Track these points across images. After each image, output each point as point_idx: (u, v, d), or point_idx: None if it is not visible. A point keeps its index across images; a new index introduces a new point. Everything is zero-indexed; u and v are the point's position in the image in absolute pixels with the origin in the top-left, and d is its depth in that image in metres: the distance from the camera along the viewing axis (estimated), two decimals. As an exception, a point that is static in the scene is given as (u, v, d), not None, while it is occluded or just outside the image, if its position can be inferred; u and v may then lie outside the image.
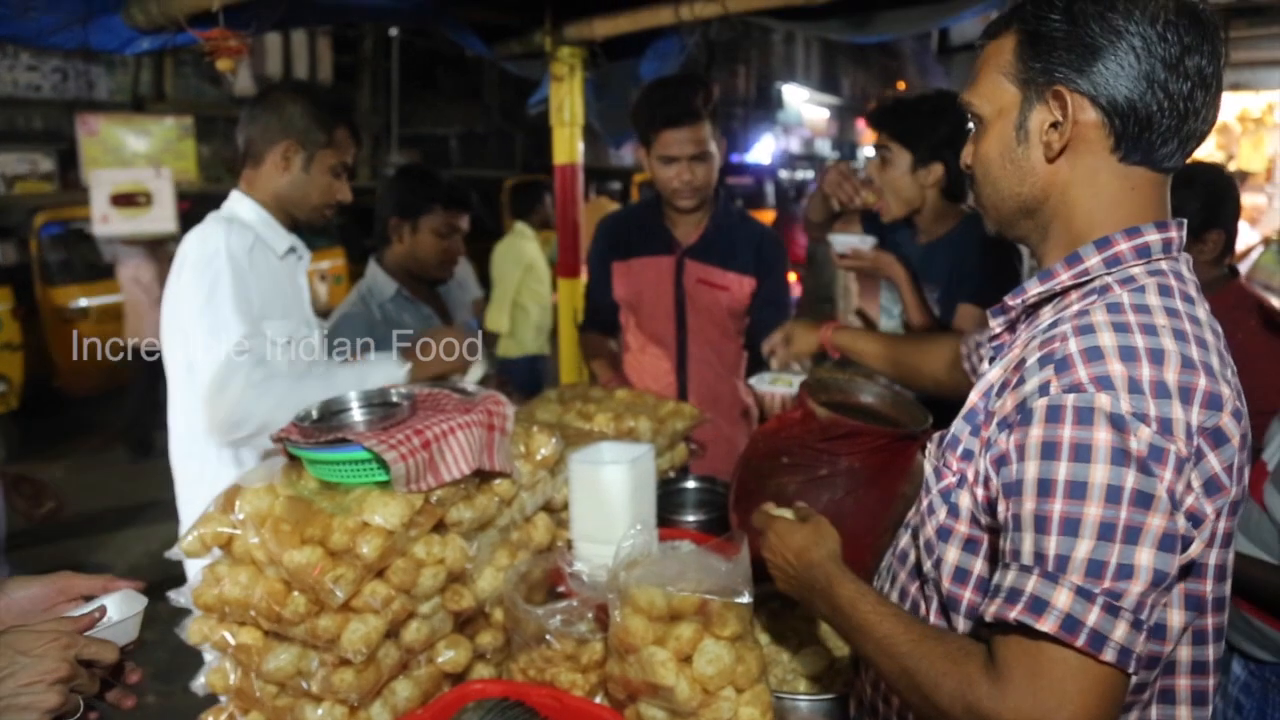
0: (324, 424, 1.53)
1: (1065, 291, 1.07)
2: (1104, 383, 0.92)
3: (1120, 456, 0.89)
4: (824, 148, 26.60)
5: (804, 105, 24.92)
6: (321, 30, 14.59)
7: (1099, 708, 0.89)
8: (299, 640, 1.36)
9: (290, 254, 2.24)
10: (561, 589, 1.55)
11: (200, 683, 1.50)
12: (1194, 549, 0.94)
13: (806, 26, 3.83)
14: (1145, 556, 0.89)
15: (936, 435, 1.15)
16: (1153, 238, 1.03)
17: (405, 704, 1.43)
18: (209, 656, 2.08)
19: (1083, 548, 0.89)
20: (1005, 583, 0.94)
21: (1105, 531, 0.89)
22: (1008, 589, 0.93)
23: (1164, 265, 1.04)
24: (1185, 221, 1.07)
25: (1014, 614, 0.91)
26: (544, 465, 1.66)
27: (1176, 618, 0.99)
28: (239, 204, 2.15)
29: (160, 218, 4.80)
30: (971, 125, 1.15)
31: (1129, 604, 0.89)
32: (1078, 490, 0.90)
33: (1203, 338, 0.98)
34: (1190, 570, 0.98)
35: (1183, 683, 1.04)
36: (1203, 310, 1.03)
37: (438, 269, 2.73)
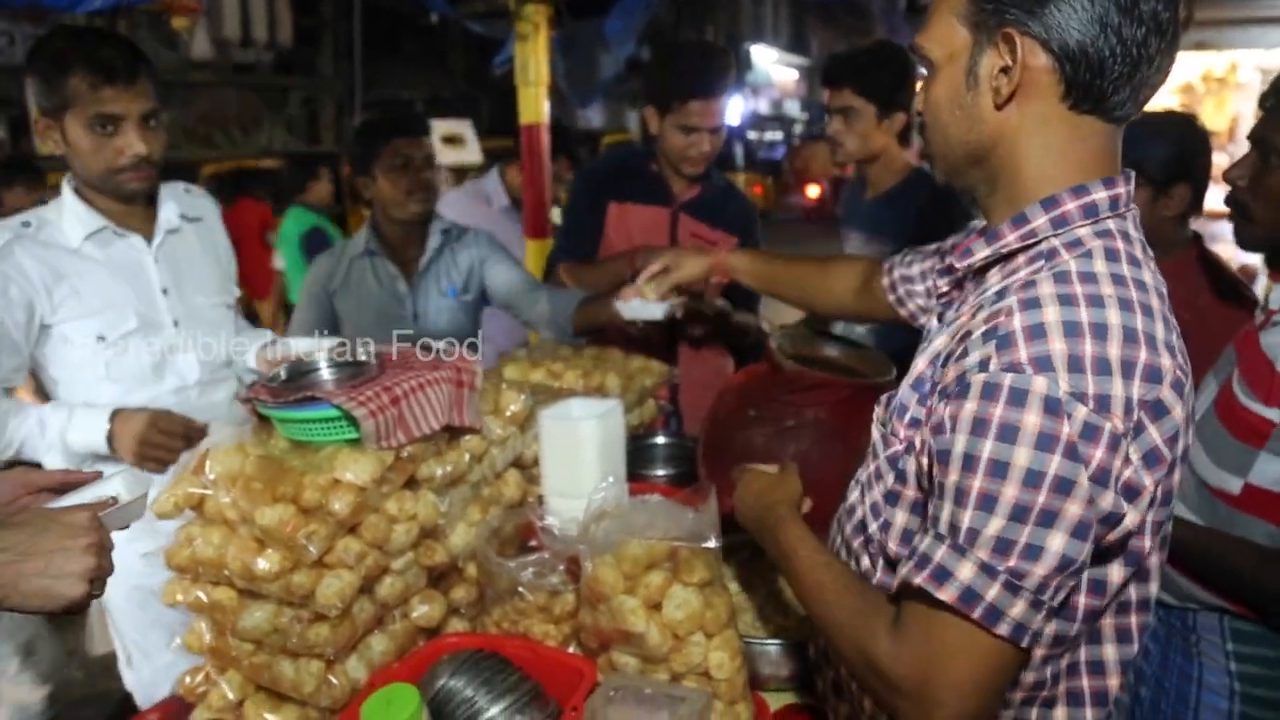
0: (293, 383, 1.54)
1: (1012, 254, 1.05)
2: (1043, 364, 0.91)
3: (1047, 442, 0.90)
4: (793, 109, 26.49)
5: (772, 66, 24.77)
6: (280, -8, 14.24)
7: (986, 676, 0.95)
8: (274, 597, 1.38)
9: (105, 236, 1.99)
10: (533, 543, 1.57)
11: (176, 644, 1.51)
12: (1130, 520, 0.94)
13: (773, -16, 3.81)
14: (1056, 541, 0.91)
15: (884, 398, 1.15)
16: (1100, 195, 1.01)
17: (381, 658, 1.45)
18: (128, 638, 2.09)
19: (994, 525, 0.92)
20: (920, 548, 0.98)
21: (1019, 513, 0.91)
22: (920, 555, 0.97)
23: (1110, 225, 1.01)
24: (1132, 174, 1.05)
25: (919, 579, 0.95)
26: (514, 421, 1.67)
27: (1116, 573, 1.01)
28: (63, 193, 1.97)
29: (471, 152, 7.06)
30: (923, 70, 1.11)
31: (1030, 584, 0.91)
32: (999, 470, 0.91)
33: (1148, 304, 0.96)
34: (1130, 534, 0.98)
35: (1107, 622, 1.07)
36: (1148, 272, 1.00)
37: (405, 205, 2.55)
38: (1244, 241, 1.63)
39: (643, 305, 2.10)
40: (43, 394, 2.05)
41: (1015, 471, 0.91)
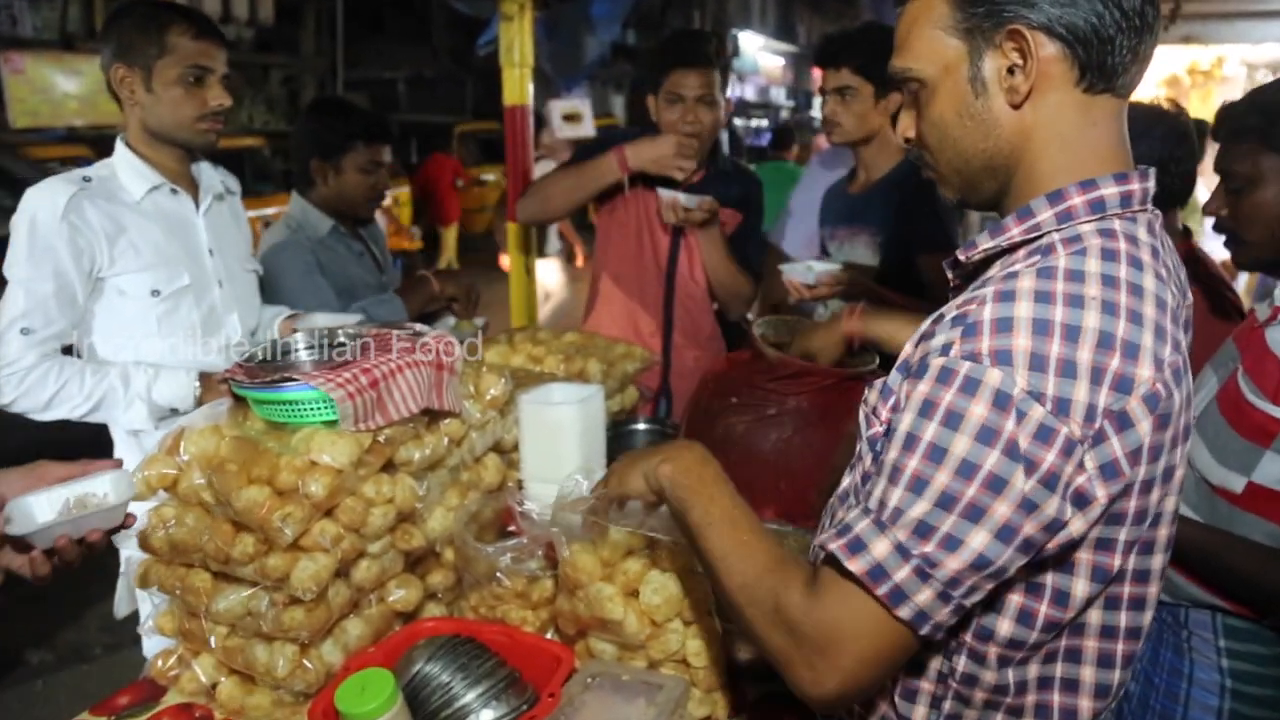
0: (270, 364, 1.52)
1: (1015, 247, 1.03)
2: (1002, 357, 0.90)
3: (989, 435, 0.89)
4: (779, 96, 26.45)
5: (759, 53, 24.69)
6: (263, -33, 14.05)
7: (883, 653, 0.95)
8: (248, 580, 1.36)
9: (162, 193, 2.04)
10: (512, 528, 1.57)
11: (149, 626, 1.50)
12: (1075, 528, 0.93)
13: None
14: (978, 538, 0.90)
15: (877, 382, 1.15)
16: (1109, 191, 0.99)
17: (357, 642, 1.44)
18: (155, 600, 2.08)
19: (919, 508, 0.91)
20: (848, 516, 0.98)
21: (945, 501, 0.90)
22: (844, 522, 0.97)
23: (1116, 225, 0.99)
24: (1151, 171, 1.03)
25: (834, 545, 0.95)
26: (493, 405, 1.66)
27: (1080, 587, 1.00)
28: (117, 150, 2.03)
29: (586, 127, 7.31)
30: (907, 94, 1.09)
31: (941, 575, 0.90)
32: (936, 454, 0.91)
33: (1139, 310, 0.92)
34: (1097, 545, 0.98)
35: (1090, 644, 1.06)
36: (1151, 278, 0.96)
37: (365, 207, 2.63)
38: (1243, 264, 1.65)
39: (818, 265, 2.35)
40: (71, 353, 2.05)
41: (951, 459, 0.90)
